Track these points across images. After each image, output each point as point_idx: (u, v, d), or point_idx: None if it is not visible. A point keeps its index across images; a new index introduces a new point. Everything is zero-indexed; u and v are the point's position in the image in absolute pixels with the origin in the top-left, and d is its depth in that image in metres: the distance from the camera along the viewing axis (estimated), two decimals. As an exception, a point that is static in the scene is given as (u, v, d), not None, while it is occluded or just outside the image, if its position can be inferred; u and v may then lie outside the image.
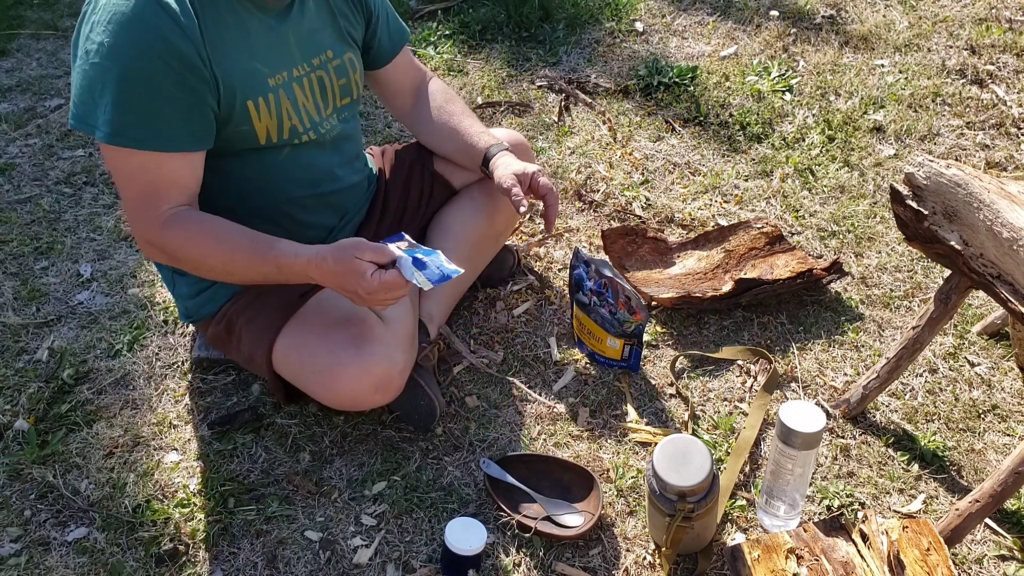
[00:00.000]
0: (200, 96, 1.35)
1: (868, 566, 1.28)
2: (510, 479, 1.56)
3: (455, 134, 1.73)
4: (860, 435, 1.66)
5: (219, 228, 1.41)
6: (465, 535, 1.41)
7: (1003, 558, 1.46)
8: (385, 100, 1.81)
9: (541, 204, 1.65)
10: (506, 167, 1.63)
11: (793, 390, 1.76)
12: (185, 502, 1.56)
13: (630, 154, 2.41)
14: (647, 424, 1.69)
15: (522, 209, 1.57)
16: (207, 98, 1.36)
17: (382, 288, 1.33)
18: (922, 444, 1.63)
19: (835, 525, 1.35)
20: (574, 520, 1.50)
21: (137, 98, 1.31)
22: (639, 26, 2.97)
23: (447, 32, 2.94)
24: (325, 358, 1.48)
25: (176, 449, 1.66)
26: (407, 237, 1.46)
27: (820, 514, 1.53)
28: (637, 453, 1.64)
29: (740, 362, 1.82)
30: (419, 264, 1.36)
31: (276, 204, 1.53)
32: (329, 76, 1.55)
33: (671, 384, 1.77)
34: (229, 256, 1.40)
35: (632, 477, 1.59)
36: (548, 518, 1.51)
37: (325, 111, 1.56)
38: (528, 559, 1.47)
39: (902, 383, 1.76)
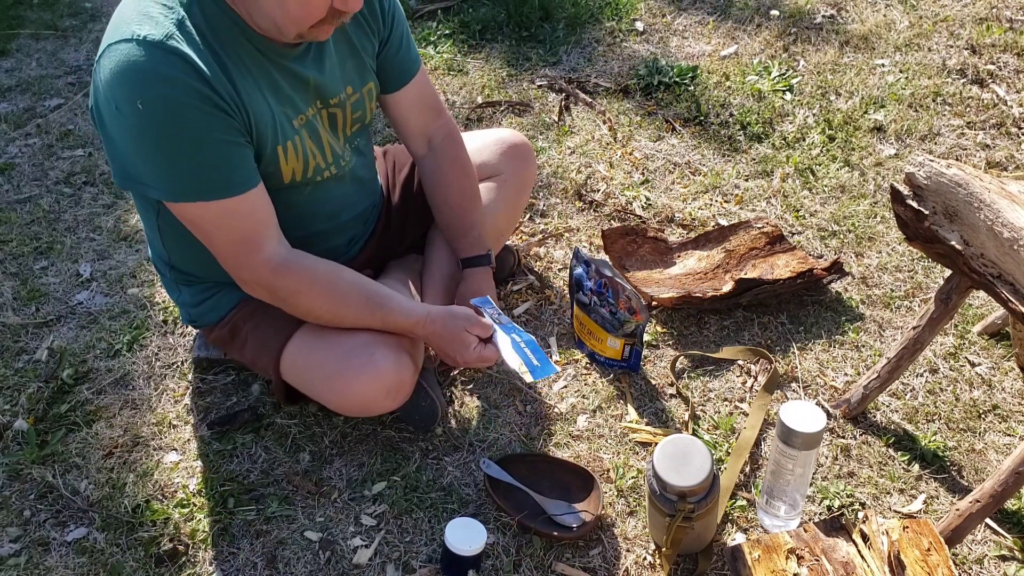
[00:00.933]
0: (240, 135, 1.34)
1: (868, 566, 1.27)
2: (510, 479, 1.55)
3: (452, 229, 1.71)
4: (860, 435, 1.66)
5: (331, 279, 1.46)
6: (465, 535, 1.41)
7: (1003, 558, 1.46)
8: (395, 131, 1.75)
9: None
10: (462, 297, 1.65)
11: (793, 390, 1.76)
12: (185, 502, 1.56)
13: (630, 154, 2.41)
14: (647, 424, 1.69)
15: None
16: (246, 137, 1.35)
17: (478, 360, 1.47)
18: (923, 444, 1.63)
19: (835, 525, 1.35)
20: (574, 520, 1.50)
21: (186, 150, 1.29)
22: (639, 26, 2.97)
23: (447, 32, 2.94)
24: (336, 364, 1.48)
25: (176, 449, 1.66)
26: (492, 301, 1.55)
27: (820, 514, 1.53)
28: (637, 453, 1.64)
29: (740, 362, 1.81)
30: (518, 348, 1.46)
31: (297, 236, 1.50)
32: (344, 112, 1.52)
33: (671, 384, 1.77)
34: (340, 310, 1.47)
35: (632, 477, 1.59)
36: (548, 518, 1.51)
37: (337, 143, 1.54)
38: (528, 559, 1.46)
39: (902, 383, 1.76)
